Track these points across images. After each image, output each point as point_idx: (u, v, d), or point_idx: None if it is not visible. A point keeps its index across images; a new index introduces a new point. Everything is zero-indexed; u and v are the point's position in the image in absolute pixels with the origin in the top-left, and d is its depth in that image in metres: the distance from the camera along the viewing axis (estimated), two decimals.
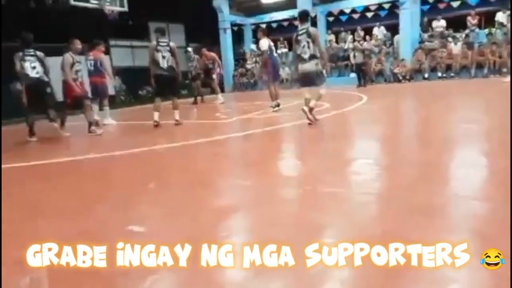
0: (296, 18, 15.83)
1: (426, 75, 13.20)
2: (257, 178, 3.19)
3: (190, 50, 11.73)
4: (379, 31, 15.45)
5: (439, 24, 14.05)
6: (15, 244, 2.01)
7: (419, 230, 1.89)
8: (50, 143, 6.16)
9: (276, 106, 7.61)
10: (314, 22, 16.13)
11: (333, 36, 16.45)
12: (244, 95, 14.39)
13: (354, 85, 12.87)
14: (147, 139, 5.70)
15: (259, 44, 8.04)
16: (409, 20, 13.82)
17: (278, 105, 7.63)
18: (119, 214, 2.51)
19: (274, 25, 17.91)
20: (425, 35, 14.22)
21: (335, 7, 16.29)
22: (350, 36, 15.81)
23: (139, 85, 14.31)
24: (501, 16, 12.99)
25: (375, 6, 15.78)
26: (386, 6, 15.55)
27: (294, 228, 2.08)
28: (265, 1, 16.52)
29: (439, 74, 12.98)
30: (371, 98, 8.80)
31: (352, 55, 14.36)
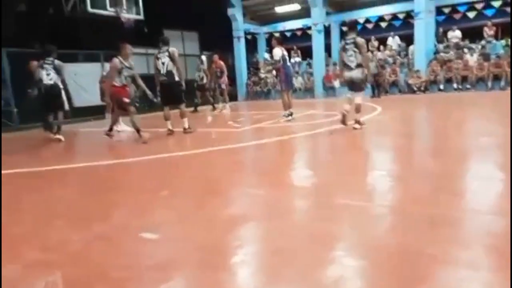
0: (310, 28, 16.12)
1: (441, 87, 13.02)
2: (271, 188, 3.18)
3: (204, 58, 11.82)
4: (394, 41, 15.36)
5: (455, 35, 13.88)
6: (31, 246, 2.04)
7: (435, 243, 1.86)
8: (66, 148, 6.26)
9: (289, 115, 7.61)
10: (327, 31, 16.22)
11: None
12: (257, 104, 14.42)
13: (368, 96, 12.79)
14: (160, 146, 5.76)
15: (272, 53, 8.07)
16: (424, 30, 13.66)
17: (291, 114, 7.63)
18: (132, 221, 2.54)
19: (288, 34, 17.99)
20: (440, 46, 14.05)
21: (349, 17, 16.26)
22: None
23: (154, 93, 14.44)
24: None
25: (389, 16, 15.69)
26: (401, 16, 15.41)
27: (307, 239, 2.07)
28: (279, 10, 16.61)
29: (455, 85, 12.79)
30: (385, 108, 8.73)
31: None
